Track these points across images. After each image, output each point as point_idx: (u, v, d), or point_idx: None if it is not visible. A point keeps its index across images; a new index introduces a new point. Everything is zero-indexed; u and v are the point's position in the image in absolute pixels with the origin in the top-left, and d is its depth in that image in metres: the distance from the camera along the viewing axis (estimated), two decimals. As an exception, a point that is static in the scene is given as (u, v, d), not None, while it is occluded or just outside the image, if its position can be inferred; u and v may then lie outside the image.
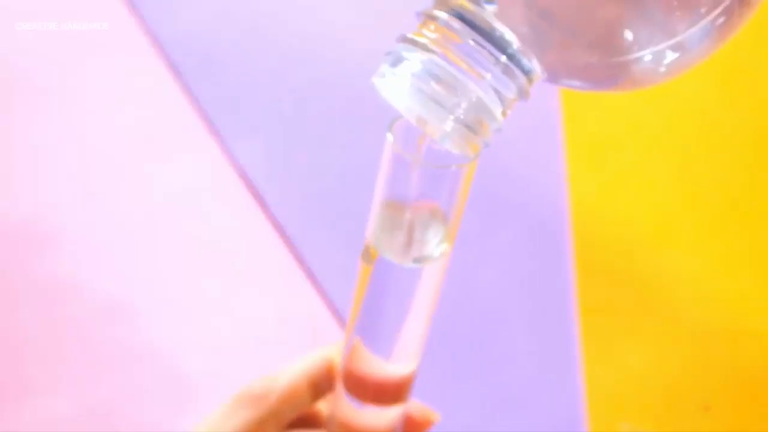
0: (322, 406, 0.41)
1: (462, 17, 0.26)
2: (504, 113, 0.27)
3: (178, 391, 0.78)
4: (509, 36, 0.26)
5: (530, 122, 1.02)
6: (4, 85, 0.98)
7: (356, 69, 1.07)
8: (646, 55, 0.25)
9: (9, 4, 1.02)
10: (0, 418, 0.76)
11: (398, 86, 0.26)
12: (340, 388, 0.37)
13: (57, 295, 0.83)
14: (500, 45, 0.26)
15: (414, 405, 0.39)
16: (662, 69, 0.26)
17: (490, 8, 0.26)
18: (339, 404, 0.38)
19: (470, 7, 0.25)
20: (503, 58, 0.26)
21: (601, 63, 0.26)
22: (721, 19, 0.25)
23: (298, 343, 0.82)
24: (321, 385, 0.39)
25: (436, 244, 0.31)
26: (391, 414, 0.37)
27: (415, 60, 0.26)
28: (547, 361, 0.82)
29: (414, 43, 0.26)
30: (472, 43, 0.26)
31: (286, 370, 0.39)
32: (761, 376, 0.82)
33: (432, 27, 0.26)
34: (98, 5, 1.04)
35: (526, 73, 0.26)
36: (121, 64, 1.01)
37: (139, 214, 0.90)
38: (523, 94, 0.27)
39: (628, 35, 0.25)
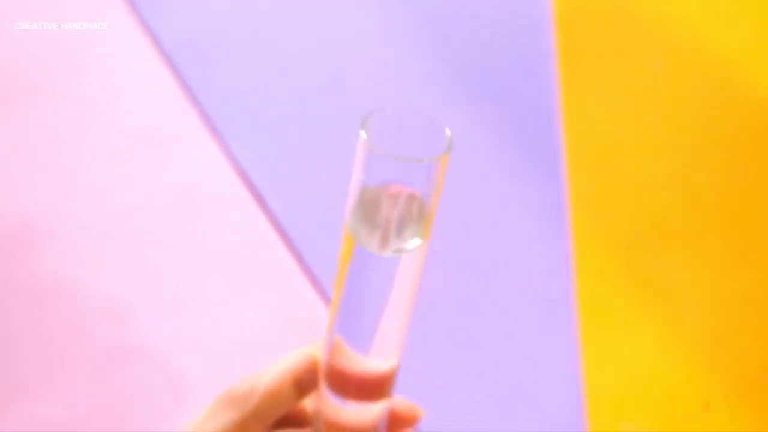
0: (309, 404, 0.41)
1: None
2: None
3: (178, 391, 0.78)
4: None
5: (530, 123, 1.02)
6: (4, 84, 0.99)
7: (356, 69, 1.07)
8: None
9: (9, 4, 1.02)
10: (0, 418, 0.76)
11: None
12: (323, 385, 0.37)
13: (56, 295, 0.83)
14: None
15: (399, 401, 0.38)
16: None
17: None
18: (323, 402, 0.38)
19: None
20: None
21: None
22: None
23: (298, 343, 0.81)
24: (305, 383, 0.38)
25: (412, 235, 0.31)
26: (374, 410, 0.37)
27: None
28: (547, 361, 0.82)
29: None
30: None
31: (269, 369, 0.38)
32: (761, 376, 0.82)
33: None
34: (98, 5, 1.04)
35: None
36: (121, 64, 1.02)
37: (139, 214, 0.90)
38: None
39: None
